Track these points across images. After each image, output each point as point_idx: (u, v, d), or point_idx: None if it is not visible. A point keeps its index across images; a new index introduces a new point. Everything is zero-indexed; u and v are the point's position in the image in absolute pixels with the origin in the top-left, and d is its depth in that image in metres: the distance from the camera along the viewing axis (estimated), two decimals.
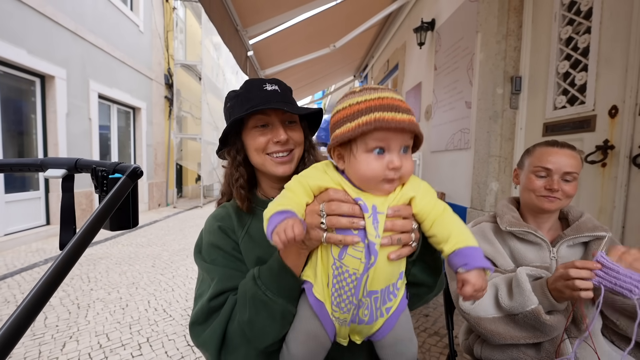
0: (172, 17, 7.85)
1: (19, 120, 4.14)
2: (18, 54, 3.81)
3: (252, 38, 2.99)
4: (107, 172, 0.53)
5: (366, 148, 0.50)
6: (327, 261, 0.55)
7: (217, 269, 0.68)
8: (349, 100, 0.52)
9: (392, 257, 0.52)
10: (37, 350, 1.79)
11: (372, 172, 0.50)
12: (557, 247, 0.89)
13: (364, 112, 0.49)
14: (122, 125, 6.46)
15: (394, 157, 0.50)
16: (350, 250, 0.52)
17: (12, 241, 3.81)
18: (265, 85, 0.73)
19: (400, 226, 0.52)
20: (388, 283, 0.55)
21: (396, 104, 0.49)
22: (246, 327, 0.59)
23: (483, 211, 2.19)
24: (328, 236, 0.52)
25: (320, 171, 0.57)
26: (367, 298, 0.53)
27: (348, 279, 0.53)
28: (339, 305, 0.54)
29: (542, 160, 0.90)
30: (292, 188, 0.56)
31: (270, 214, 0.50)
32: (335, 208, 0.52)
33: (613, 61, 1.47)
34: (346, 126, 0.51)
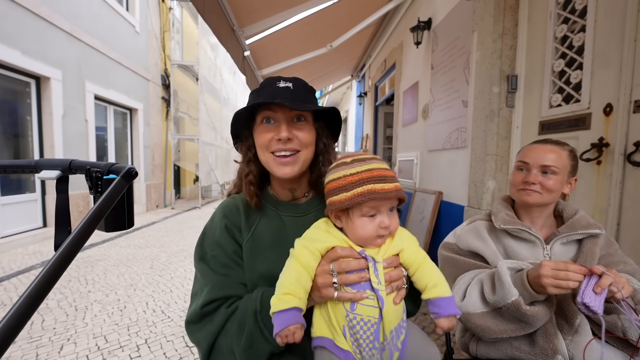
0: (168, 17, 7.82)
1: (14, 122, 4.11)
2: (12, 55, 3.78)
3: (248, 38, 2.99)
4: (101, 173, 0.53)
5: (361, 213, 0.60)
6: (340, 314, 0.60)
7: (211, 274, 0.70)
8: (342, 171, 0.61)
9: (397, 302, 0.60)
10: (34, 352, 1.78)
11: (367, 233, 0.60)
12: (550, 244, 0.90)
13: (357, 184, 0.58)
14: (119, 127, 6.43)
15: (384, 218, 0.60)
16: (362, 301, 0.59)
17: (9, 244, 3.79)
18: (279, 82, 0.72)
19: (395, 276, 0.61)
20: (399, 320, 0.62)
21: (384, 174, 0.59)
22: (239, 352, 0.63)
23: (480, 209, 2.19)
24: (340, 295, 0.58)
25: (324, 231, 0.64)
26: (390, 341, 0.60)
27: (364, 326, 0.59)
28: (360, 353, 0.59)
29: (522, 155, 0.95)
30: (300, 257, 0.61)
31: (276, 309, 0.56)
32: (345, 266, 0.59)
33: (608, 59, 1.48)
34: (343, 195, 0.59)
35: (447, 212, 2.69)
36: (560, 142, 0.92)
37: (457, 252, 1.00)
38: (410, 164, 3.59)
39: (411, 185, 3.55)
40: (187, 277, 3.01)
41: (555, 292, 0.71)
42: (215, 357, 0.66)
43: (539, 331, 0.82)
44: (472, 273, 0.92)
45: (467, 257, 0.97)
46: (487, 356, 0.89)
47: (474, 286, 0.87)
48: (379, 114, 5.86)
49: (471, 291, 0.86)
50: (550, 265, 0.72)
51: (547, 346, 0.79)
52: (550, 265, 0.72)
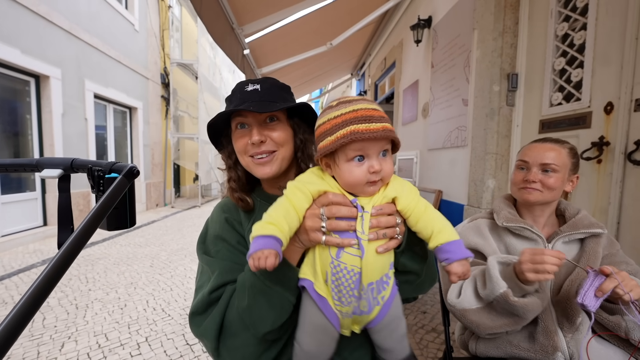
0: (167, 15, 7.80)
1: (14, 121, 4.11)
2: (12, 54, 3.77)
3: (248, 36, 2.98)
4: (103, 171, 0.53)
5: (347, 158, 0.56)
6: (325, 260, 0.59)
7: (218, 262, 0.69)
8: (327, 115, 0.58)
9: (379, 250, 0.57)
10: (35, 350, 1.78)
11: (355, 178, 0.56)
12: (552, 243, 0.90)
13: (340, 125, 0.55)
14: (119, 125, 6.42)
15: (374, 162, 0.56)
16: (347, 249, 0.57)
17: (9, 242, 3.79)
18: (247, 86, 0.71)
19: (384, 222, 0.58)
20: (381, 274, 0.60)
21: (369, 114, 0.55)
22: (245, 314, 0.61)
23: (480, 208, 2.20)
24: (327, 239, 0.57)
25: (318, 176, 0.62)
26: (367, 290, 0.59)
27: (347, 275, 0.58)
28: (340, 300, 0.59)
29: (522, 154, 0.95)
30: (290, 196, 0.59)
31: (255, 235, 0.54)
32: (336, 211, 0.57)
33: (609, 58, 1.47)
34: (327, 139, 0.56)
35: (447, 211, 2.69)
36: (559, 140, 0.92)
37: None
38: (410, 162, 3.59)
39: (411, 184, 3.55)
40: (187, 275, 3.02)
41: (534, 277, 0.72)
42: (226, 339, 0.64)
43: (539, 328, 0.82)
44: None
45: None
46: (487, 354, 0.89)
47: (468, 283, 0.88)
48: None
49: (466, 288, 0.88)
50: (528, 251, 0.74)
51: (547, 343, 0.80)
52: (528, 252, 0.74)
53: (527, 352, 0.82)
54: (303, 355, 0.62)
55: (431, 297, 2.43)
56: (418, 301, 2.37)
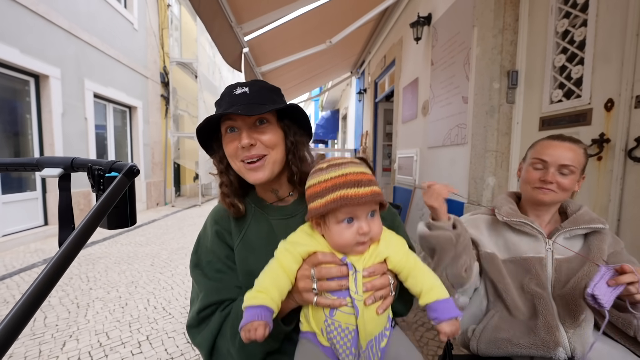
0: (166, 14, 7.78)
1: (14, 121, 4.11)
2: (11, 54, 3.77)
3: (247, 34, 2.97)
4: (103, 170, 0.53)
5: (336, 220, 0.58)
6: (319, 318, 0.61)
7: (204, 282, 0.72)
8: (318, 177, 0.60)
9: (379, 312, 0.59)
10: (37, 349, 1.79)
11: (345, 240, 0.58)
12: (553, 238, 0.90)
13: (330, 190, 0.57)
14: (119, 125, 6.42)
15: (362, 224, 0.58)
16: (341, 308, 0.59)
17: (11, 242, 3.80)
18: (235, 89, 0.70)
19: (379, 285, 0.60)
20: (381, 329, 0.62)
21: (358, 179, 0.57)
22: (235, 353, 0.65)
23: (480, 206, 2.20)
24: (318, 301, 0.59)
25: (308, 235, 0.63)
26: (367, 350, 0.60)
27: (342, 332, 0.59)
28: (339, 357, 0.60)
29: (540, 152, 0.91)
30: (280, 258, 0.61)
31: (246, 305, 0.56)
32: (325, 273, 0.59)
33: (609, 54, 1.47)
34: (317, 202, 0.59)
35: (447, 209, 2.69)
36: (576, 140, 0.91)
37: None
38: (410, 160, 3.59)
39: (411, 182, 3.55)
40: (188, 274, 3.01)
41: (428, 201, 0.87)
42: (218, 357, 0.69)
43: (540, 323, 0.82)
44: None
45: None
46: (488, 353, 0.90)
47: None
48: (378, 111, 5.85)
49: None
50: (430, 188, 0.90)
51: (548, 338, 0.80)
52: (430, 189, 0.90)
53: (528, 348, 0.82)
54: None
55: None
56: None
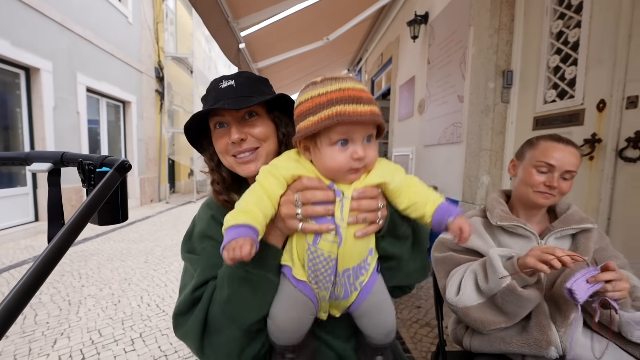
0: (161, 8, 7.67)
1: (3, 114, 4.03)
2: (1, 46, 3.69)
3: (243, 30, 2.94)
4: (94, 165, 0.52)
5: (330, 141, 0.51)
6: (302, 247, 0.57)
7: (201, 259, 0.68)
8: (310, 92, 0.52)
9: (357, 235, 0.54)
10: (27, 347, 1.77)
11: (337, 164, 0.52)
12: (545, 239, 0.91)
13: (326, 105, 0.49)
14: (112, 120, 6.34)
15: (358, 148, 0.51)
16: (325, 235, 0.54)
17: (0, 238, 3.74)
18: (221, 83, 0.67)
19: (366, 206, 0.54)
20: (359, 260, 0.58)
21: (357, 95, 0.50)
22: (227, 307, 0.59)
23: (474, 204, 2.22)
24: (304, 227, 0.54)
25: (293, 160, 0.57)
26: (342, 277, 0.57)
27: (324, 261, 0.55)
28: (317, 284, 0.58)
29: (547, 155, 0.88)
30: (263, 182, 0.55)
31: (227, 226, 0.50)
32: (310, 197, 0.54)
33: (602, 55, 1.49)
34: (309, 119, 0.51)
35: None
36: (575, 144, 0.91)
37: (454, 248, 1.00)
38: (406, 158, 3.60)
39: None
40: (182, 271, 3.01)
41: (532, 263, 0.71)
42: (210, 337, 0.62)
43: (532, 323, 0.83)
44: (463, 267, 0.92)
45: (464, 253, 0.97)
46: (481, 350, 0.90)
47: (467, 278, 0.87)
48: None
49: (465, 284, 0.86)
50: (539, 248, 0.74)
51: (541, 338, 0.81)
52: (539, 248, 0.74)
53: (520, 347, 0.83)
54: (278, 332, 0.60)
55: (425, 292, 2.46)
56: (412, 295, 2.39)
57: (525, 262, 0.73)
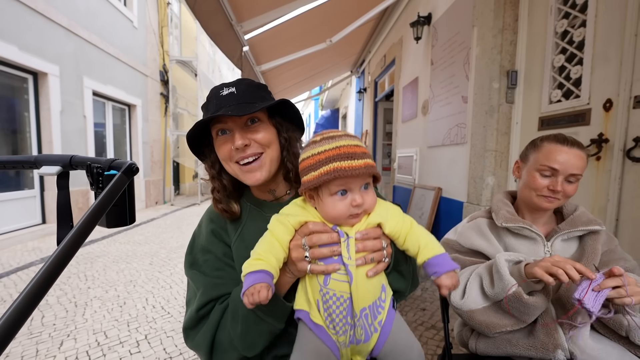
0: (166, 12, 7.75)
1: (12, 118, 4.09)
2: (9, 51, 3.75)
3: (247, 33, 2.96)
4: (102, 168, 0.52)
5: (330, 192, 0.58)
6: (315, 288, 0.61)
7: (202, 278, 0.71)
8: (311, 150, 0.59)
9: (369, 275, 0.59)
10: (34, 349, 1.79)
11: (338, 212, 0.58)
12: (551, 241, 0.89)
13: (324, 162, 0.56)
14: (118, 123, 6.40)
15: (356, 196, 0.57)
16: (334, 275, 0.59)
17: (8, 240, 3.79)
18: (222, 90, 0.68)
19: (371, 246, 0.59)
20: (374, 298, 0.61)
21: (352, 151, 0.57)
22: (237, 340, 0.65)
23: (479, 205, 2.20)
24: (312, 268, 0.59)
25: (300, 207, 0.64)
26: (361, 318, 0.59)
27: (337, 302, 0.59)
28: (334, 329, 0.60)
29: (550, 159, 0.86)
30: (274, 229, 0.61)
31: (245, 273, 0.56)
32: (316, 240, 0.59)
33: (608, 55, 1.47)
34: (311, 174, 0.58)
35: (447, 208, 2.70)
36: (580, 144, 0.88)
37: (458, 249, 1.00)
38: (410, 160, 3.59)
39: (410, 181, 3.55)
40: None
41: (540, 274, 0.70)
42: (217, 354, 0.67)
43: (538, 326, 0.82)
44: (468, 269, 0.91)
45: (469, 255, 0.97)
46: (487, 353, 0.89)
47: (472, 282, 0.86)
48: (378, 110, 5.85)
49: (471, 287, 0.86)
50: (549, 259, 0.72)
51: (547, 340, 0.80)
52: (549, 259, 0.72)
53: (527, 350, 0.82)
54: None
55: (430, 295, 2.44)
56: (417, 298, 2.38)
57: (533, 273, 0.72)
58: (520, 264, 0.78)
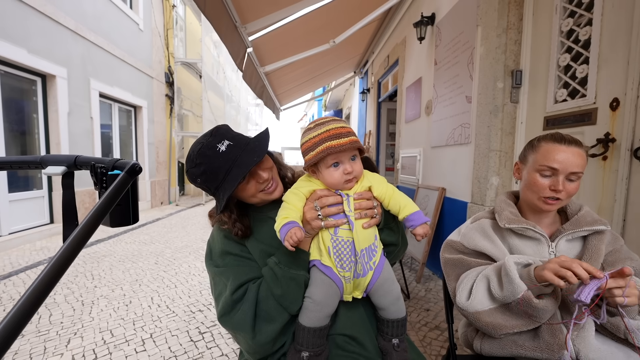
0: (171, 14, 7.83)
1: (21, 120, 4.16)
2: (18, 54, 3.82)
3: (251, 34, 2.98)
4: (106, 168, 0.53)
5: (326, 165, 0.75)
6: (326, 238, 0.77)
7: (228, 269, 0.81)
8: (307, 135, 0.75)
9: (365, 226, 0.76)
10: (42, 346, 1.82)
11: (335, 179, 0.75)
12: (556, 241, 0.89)
13: (318, 143, 0.72)
14: (124, 124, 6.48)
15: (346, 166, 0.74)
16: (341, 226, 0.76)
17: (17, 240, 3.85)
18: (218, 147, 0.76)
19: (365, 205, 0.77)
20: (369, 243, 0.78)
21: (338, 132, 0.72)
22: (282, 300, 0.77)
23: (484, 206, 2.18)
24: (326, 223, 0.75)
25: (307, 181, 0.81)
26: (360, 256, 0.76)
27: (344, 244, 0.76)
28: (342, 267, 0.76)
29: (548, 158, 0.85)
30: (289, 199, 0.77)
31: (279, 227, 0.71)
32: (325, 201, 0.75)
33: (614, 53, 1.45)
34: (310, 154, 0.74)
35: (450, 209, 2.68)
36: (578, 142, 0.86)
37: (462, 250, 0.99)
38: (414, 160, 3.57)
39: (414, 181, 3.54)
40: (191, 272, 3.04)
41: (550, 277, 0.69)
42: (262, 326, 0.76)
43: (544, 327, 0.81)
44: (475, 271, 0.90)
45: (473, 256, 0.96)
46: (492, 353, 0.89)
47: (479, 283, 0.86)
48: (381, 111, 5.84)
49: (477, 289, 0.85)
50: (556, 260, 0.71)
51: (552, 341, 0.79)
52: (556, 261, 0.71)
53: (532, 351, 0.81)
54: (314, 306, 0.77)
55: (434, 295, 2.43)
56: (421, 298, 2.36)
57: (543, 276, 0.71)
58: (529, 267, 0.77)
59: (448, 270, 0.98)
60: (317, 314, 0.77)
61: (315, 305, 0.77)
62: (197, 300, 2.42)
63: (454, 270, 0.97)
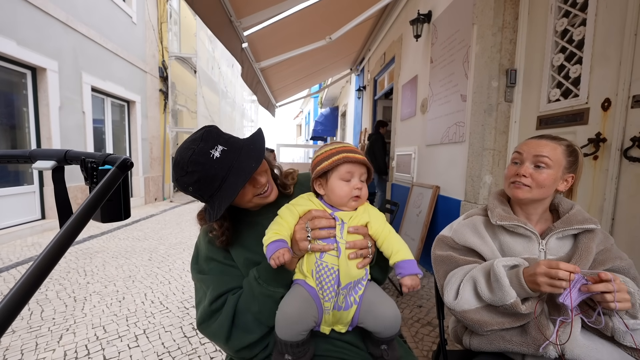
0: (165, 8, 7.71)
1: (10, 114, 4.08)
2: (7, 46, 3.74)
3: (246, 29, 2.95)
4: (96, 163, 0.53)
5: (339, 176, 0.75)
6: (311, 261, 0.75)
7: (210, 278, 0.81)
8: (324, 148, 0.78)
9: (359, 266, 0.74)
10: (33, 342, 1.80)
11: (344, 192, 0.74)
12: (546, 239, 0.90)
13: (335, 153, 0.75)
14: (117, 119, 6.39)
15: (357, 182, 0.75)
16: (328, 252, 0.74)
17: (7, 235, 3.80)
18: (211, 153, 0.70)
19: (360, 245, 0.74)
20: (357, 278, 0.75)
21: (355, 150, 0.77)
22: (259, 316, 0.76)
23: (477, 204, 2.21)
24: (312, 246, 0.73)
25: (306, 200, 0.80)
26: (344, 289, 0.73)
27: (328, 271, 0.73)
28: (322, 293, 0.73)
29: (518, 147, 0.93)
30: (283, 215, 0.76)
31: (267, 243, 0.70)
32: (317, 223, 0.74)
33: (607, 54, 1.47)
34: (324, 163, 0.75)
35: (444, 207, 2.71)
36: (557, 137, 0.91)
37: (453, 246, 1.00)
38: (408, 158, 3.59)
39: (409, 179, 3.55)
40: (185, 269, 3.03)
41: (549, 290, 0.73)
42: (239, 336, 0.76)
43: (530, 322, 0.83)
44: (462, 270, 0.92)
45: (463, 253, 0.97)
46: (480, 349, 0.90)
47: (466, 284, 0.87)
48: (377, 108, 5.84)
49: (464, 289, 0.87)
50: (544, 264, 0.74)
51: (539, 337, 0.80)
52: (544, 264, 0.74)
53: (520, 346, 0.83)
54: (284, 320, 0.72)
55: (427, 292, 2.46)
56: (414, 295, 2.39)
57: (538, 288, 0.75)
58: (518, 269, 0.79)
59: (437, 267, 1.00)
60: (289, 331, 0.71)
61: (286, 320, 0.71)
62: (190, 297, 2.41)
63: (442, 267, 0.98)
